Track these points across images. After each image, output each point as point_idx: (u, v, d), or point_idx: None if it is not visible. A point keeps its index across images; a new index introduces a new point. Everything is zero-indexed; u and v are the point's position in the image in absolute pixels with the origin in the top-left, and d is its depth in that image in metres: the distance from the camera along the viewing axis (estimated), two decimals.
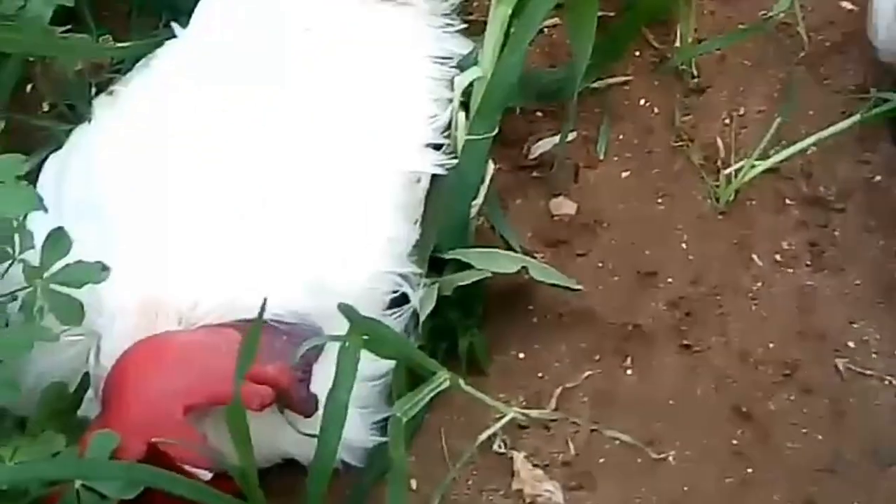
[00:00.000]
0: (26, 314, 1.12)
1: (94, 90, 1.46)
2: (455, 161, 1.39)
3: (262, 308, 1.10)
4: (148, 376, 1.15)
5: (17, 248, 1.14)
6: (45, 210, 1.09)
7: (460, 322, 1.37)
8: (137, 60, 1.43)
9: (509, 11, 1.44)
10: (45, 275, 1.13)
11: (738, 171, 1.47)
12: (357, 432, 1.25)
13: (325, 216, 1.29)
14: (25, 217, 1.14)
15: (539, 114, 1.57)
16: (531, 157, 1.55)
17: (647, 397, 1.34)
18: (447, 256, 1.39)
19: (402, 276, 1.31)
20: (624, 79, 1.57)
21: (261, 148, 1.30)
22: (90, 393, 1.19)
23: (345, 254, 1.28)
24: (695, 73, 1.56)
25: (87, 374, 1.19)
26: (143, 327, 1.19)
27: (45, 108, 1.52)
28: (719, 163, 1.50)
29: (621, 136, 1.55)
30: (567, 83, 1.53)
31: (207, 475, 1.15)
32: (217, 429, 1.18)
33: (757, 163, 1.46)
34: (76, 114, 1.48)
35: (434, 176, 1.39)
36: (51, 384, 1.19)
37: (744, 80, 1.54)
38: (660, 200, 1.49)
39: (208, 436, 1.17)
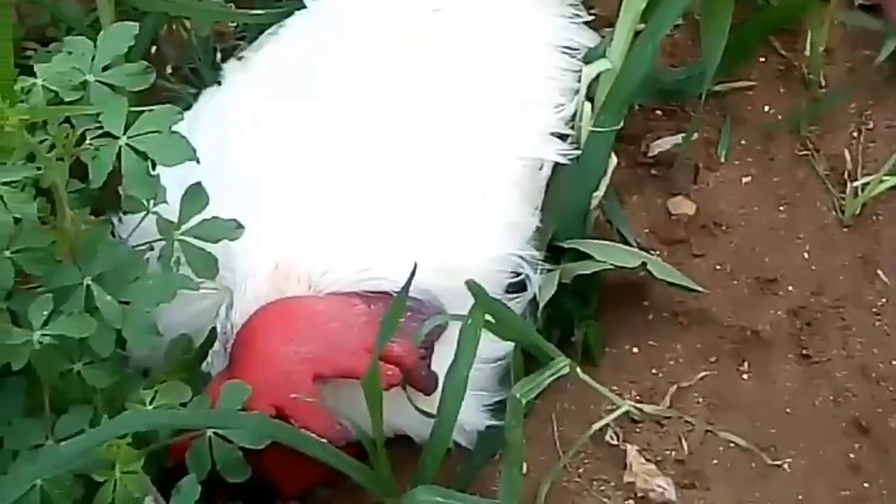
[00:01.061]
0: (164, 265, 1.11)
1: (218, 56, 1.45)
2: (578, 152, 1.36)
3: (409, 282, 1.07)
4: (278, 339, 1.15)
5: (152, 201, 1.14)
6: (198, 161, 1.07)
7: (577, 311, 1.35)
8: (262, 30, 1.43)
9: (643, 5, 1.42)
10: (183, 228, 1.12)
11: (865, 184, 1.44)
12: (471, 414, 1.23)
13: (451, 197, 1.28)
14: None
15: (658, 112, 1.55)
16: (650, 154, 1.52)
17: (764, 403, 1.31)
18: (565, 245, 1.37)
19: (524, 259, 1.28)
20: (748, 83, 1.55)
21: (392, 124, 1.29)
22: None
23: (469, 235, 1.27)
24: (822, 82, 1.53)
25: (213, 330, 1.17)
26: (274, 289, 1.18)
27: (169, 70, 1.50)
28: (846, 175, 1.47)
29: (743, 141, 1.52)
30: (690, 83, 1.52)
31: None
32: (334, 399, 1.16)
33: (886, 178, 1.43)
34: (199, 78, 1.47)
35: (556, 165, 1.36)
36: (179, 336, 1.19)
37: (873, 93, 1.52)
38: (782, 208, 1.46)
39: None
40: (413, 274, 1.11)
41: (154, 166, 1.11)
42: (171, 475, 1.09)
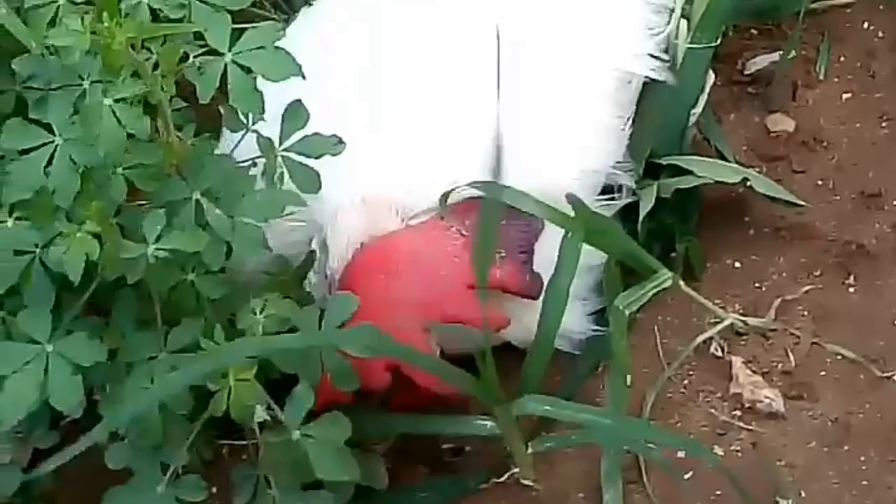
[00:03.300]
0: (267, 181, 1.12)
1: None
2: (667, 67, 1.35)
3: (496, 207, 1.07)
4: (382, 287, 1.15)
5: (251, 120, 1.14)
6: (304, 77, 1.08)
7: (677, 227, 1.34)
8: None
9: None
10: (285, 144, 1.13)
11: None
12: (574, 321, 1.23)
13: (541, 110, 1.27)
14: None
15: (754, 31, 1.54)
16: (746, 73, 1.51)
17: (871, 316, 1.29)
18: (664, 162, 1.36)
19: (617, 170, 1.27)
20: (846, 1, 1.52)
21: (480, 39, 1.28)
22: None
23: (560, 147, 1.26)
24: None
25: (311, 253, 1.18)
26: (366, 220, 1.19)
27: None
28: None
29: (842, 58, 1.50)
30: (786, 2, 1.50)
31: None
32: None
33: None
34: (290, 4, 1.47)
35: (652, 83, 1.35)
36: (275, 256, 1.18)
37: None
38: (884, 124, 1.44)
39: None
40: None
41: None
42: (282, 384, 1.10)
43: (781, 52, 1.49)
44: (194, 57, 1.12)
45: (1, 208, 1.08)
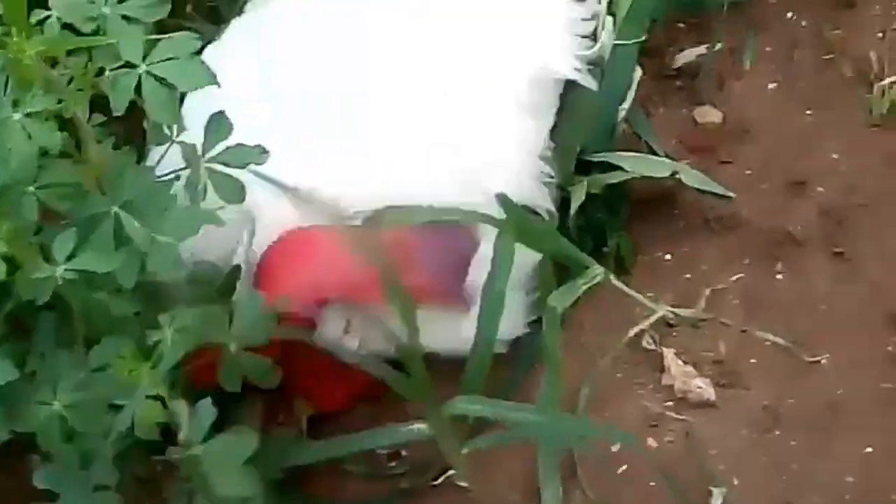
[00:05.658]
0: (190, 192, 1.11)
1: None
2: (592, 66, 1.36)
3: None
4: (287, 268, 1.16)
5: (174, 132, 1.14)
6: (219, 85, 1.08)
7: (608, 222, 1.35)
8: None
9: None
10: (208, 155, 1.13)
11: (892, 84, 1.43)
12: (508, 322, 1.23)
13: (465, 114, 1.27)
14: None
15: (681, 25, 1.55)
16: (674, 66, 1.53)
17: (799, 302, 1.31)
18: (595, 159, 1.37)
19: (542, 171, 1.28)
20: None
21: (407, 47, 1.29)
22: None
23: (485, 150, 1.27)
24: None
25: (236, 267, 1.18)
26: (292, 215, 1.19)
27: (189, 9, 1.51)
28: (872, 77, 1.45)
29: (767, 49, 1.52)
30: None
31: None
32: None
33: None
34: (219, 15, 1.47)
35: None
36: (204, 265, 1.18)
37: None
38: (809, 112, 1.45)
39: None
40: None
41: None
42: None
43: (708, 45, 1.50)
44: (111, 70, 1.11)
45: None
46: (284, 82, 1.28)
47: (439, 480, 1.21)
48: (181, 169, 1.15)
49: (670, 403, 1.25)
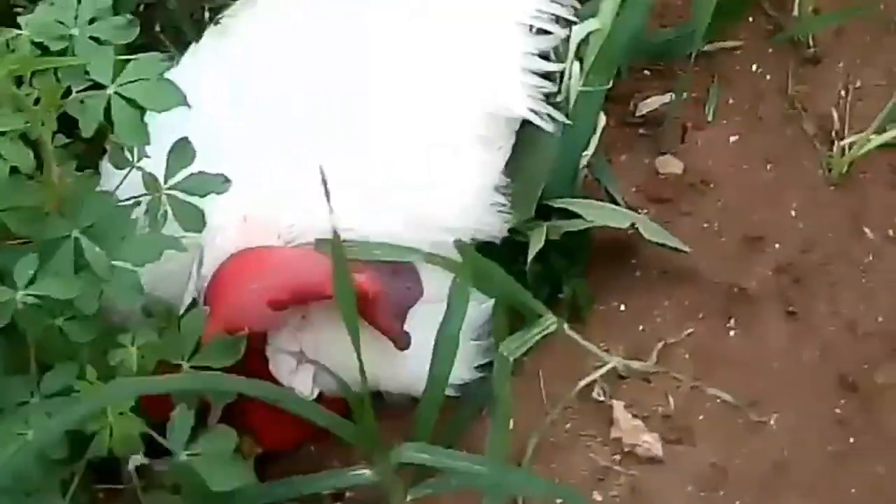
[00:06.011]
0: (150, 219, 1.11)
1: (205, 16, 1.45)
2: (552, 108, 1.36)
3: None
4: (243, 279, 1.17)
5: (136, 156, 1.14)
6: (189, 106, 1.07)
7: (565, 269, 1.36)
8: None
9: None
10: (170, 182, 1.13)
11: (852, 143, 1.44)
12: (457, 367, 1.23)
13: (420, 151, 1.28)
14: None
15: (646, 72, 1.55)
16: (638, 114, 1.53)
17: (750, 359, 1.31)
18: (555, 205, 1.37)
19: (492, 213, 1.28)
20: (736, 44, 1.55)
21: (360, 78, 1.29)
22: None
23: (438, 187, 1.27)
24: (811, 43, 1.53)
25: (194, 301, 1.18)
26: (242, 242, 1.19)
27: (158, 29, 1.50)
28: (833, 134, 1.47)
29: (731, 101, 1.52)
30: (678, 44, 1.52)
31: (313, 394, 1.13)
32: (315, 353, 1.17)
33: (873, 137, 1.43)
34: (183, 39, 1.46)
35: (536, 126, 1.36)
36: (158, 302, 1.18)
37: (861, 53, 1.52)
38: (769, 167, 1.46)
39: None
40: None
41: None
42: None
43: (672, 94, 1.50)
44: (78, 91, 1.11)
45: None
46: (258, 90, 1.28)
47: None
48: (142, 195, 1.14)
49: (617, 457, 1.26)
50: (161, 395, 1.10)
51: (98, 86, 1.10)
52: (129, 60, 1.11)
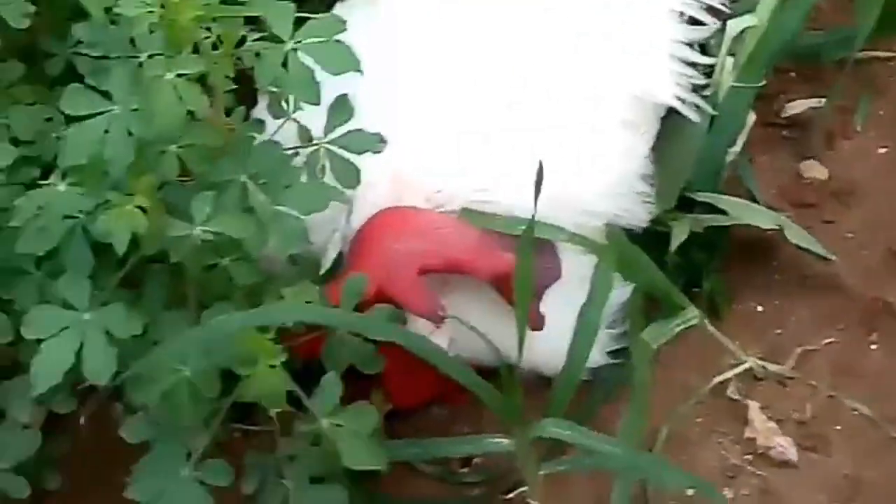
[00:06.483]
0: (309, 171, 1.11)
1: None
2: (699, 99, 1.34)
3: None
4: (389, 237, 1.17)
5: (291, 107, 1.15)
6: (362, 73, 1.07)
7: (705, 263, 1.34)
8: None
9: None
10: (329, 137, 1.13)
11: None
12: (593, 352, 1.23)
13: (568, 130, 1.27)
14: None
15: (792, 74, 1.54)
16: (783, 115, 1.51)
17: (890, 375, 1.29)
18: (698, 198, 1.36)
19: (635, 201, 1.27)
20: (890, 55, 1.53)
21: (516, 53, 1.29)
22: None
23: (583, 166, 1.26)
24: None
25: (340, 254, 1.18)
26: (392, 198, 1.20)
27: None
28: None
29: (881, 112, 1.51)
30: (828, 48, 1.51)
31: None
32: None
33: None
34: None
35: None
36: (306, 255, 1.17)
37: None
38: None
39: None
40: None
41: None
42: (305, 376, 1.09)
43: (821, 99, 1.49)
44: (252, 41, 1.11)
45: (55, 172, 1.06)
46: (415, 54, 1.28)
47: (511, 495, 1.20)
48: (300, 146, 1.14)
49: (749, 457, 1.25)
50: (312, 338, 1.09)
51: (272, 38, 1.10)
52: (308, 19, 1.10)
